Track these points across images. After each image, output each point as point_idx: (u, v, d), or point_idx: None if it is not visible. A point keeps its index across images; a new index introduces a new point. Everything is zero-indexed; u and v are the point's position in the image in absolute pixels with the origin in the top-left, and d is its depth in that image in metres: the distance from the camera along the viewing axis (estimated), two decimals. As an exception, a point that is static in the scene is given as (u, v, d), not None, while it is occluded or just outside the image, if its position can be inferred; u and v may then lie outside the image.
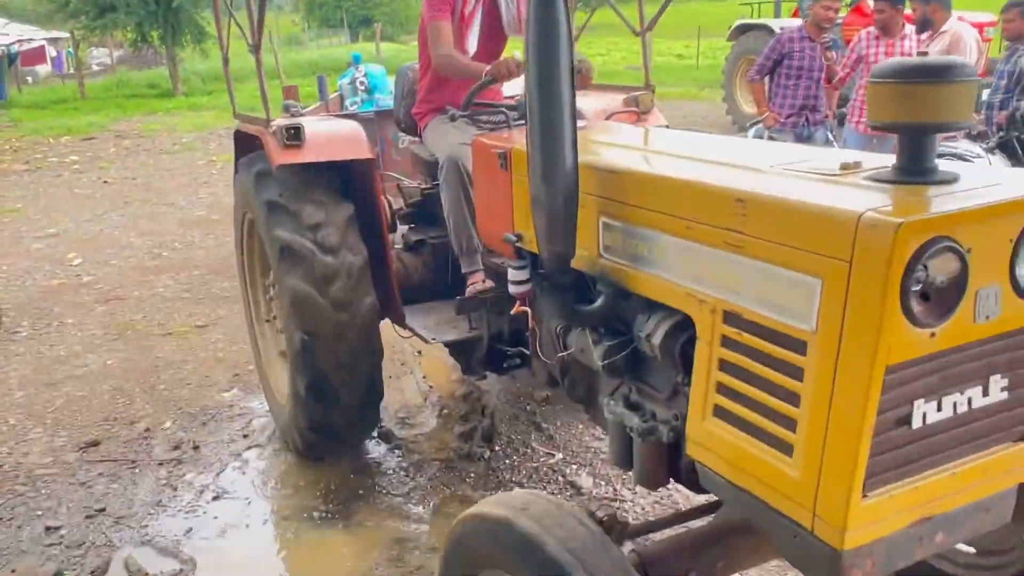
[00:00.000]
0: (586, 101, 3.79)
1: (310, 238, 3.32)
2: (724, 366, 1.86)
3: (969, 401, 1.73)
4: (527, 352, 3.03)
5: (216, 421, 4.30)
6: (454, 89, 3.57)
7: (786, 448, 1.73)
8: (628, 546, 2.16)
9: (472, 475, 3.66)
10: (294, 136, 3.35)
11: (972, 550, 2.46)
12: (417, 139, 3.93)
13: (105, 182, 11.22)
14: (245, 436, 4.14)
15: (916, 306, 1.55)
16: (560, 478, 3.61)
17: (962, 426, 1.74)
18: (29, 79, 29.09)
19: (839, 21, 6.37)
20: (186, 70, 23.78)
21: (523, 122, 2.78)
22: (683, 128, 6.68)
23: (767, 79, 6.70)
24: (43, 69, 32.20)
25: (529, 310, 2.63)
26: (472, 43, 3.65)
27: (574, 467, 3.70)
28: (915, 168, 1.72)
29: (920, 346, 1.59)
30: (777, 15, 13.74)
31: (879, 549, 1.72)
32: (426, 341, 3.58)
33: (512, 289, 2.42)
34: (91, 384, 4.79)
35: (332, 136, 3.53)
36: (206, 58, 24.74)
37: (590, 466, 3.70)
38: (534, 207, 2.10)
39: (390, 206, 3.79)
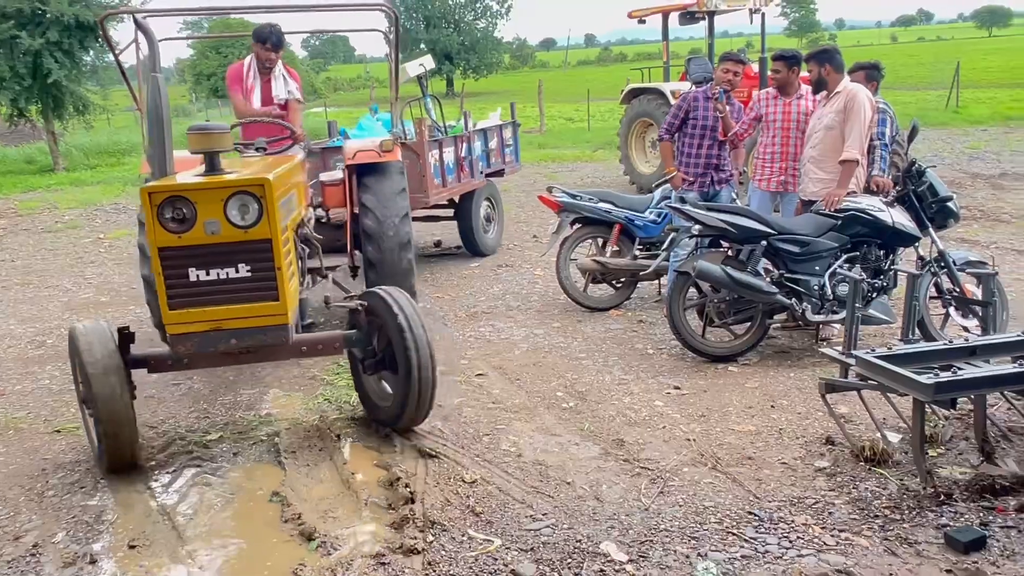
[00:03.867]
0: (352, 143, 6.67)
1: None
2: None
3: (228, 273, 3.85)
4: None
5: (113, 529, 3.89)
6: (249, 134, 6.07)
7: None
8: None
9: (407, 571, 3.39)
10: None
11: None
12: None
13: (-21, 266, 10.44)
14: (147, 545, 3.74)
15: (168, 223, 3.73)
16: (502, 567, 3.39)
17: (227, 284, 3.87)
18: None
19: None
20: (67, 144, 22.70)
21: (254, 154, 5.51)
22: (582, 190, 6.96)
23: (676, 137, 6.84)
24: (-93, 147, 30.23)
25: None
26: (256, 105, 6.32)
27: (515, 553, 3.49)
28: (211, 168, 4.02)
29: (174, 241, 3.76)
30: (666, 79, 14.15)
31: (195, 338, 3.92)
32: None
33: None
34: (-32, 496, 4.28)
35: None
36: (89, 131, 23.75)
37: (532, 551, 3.50)
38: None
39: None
